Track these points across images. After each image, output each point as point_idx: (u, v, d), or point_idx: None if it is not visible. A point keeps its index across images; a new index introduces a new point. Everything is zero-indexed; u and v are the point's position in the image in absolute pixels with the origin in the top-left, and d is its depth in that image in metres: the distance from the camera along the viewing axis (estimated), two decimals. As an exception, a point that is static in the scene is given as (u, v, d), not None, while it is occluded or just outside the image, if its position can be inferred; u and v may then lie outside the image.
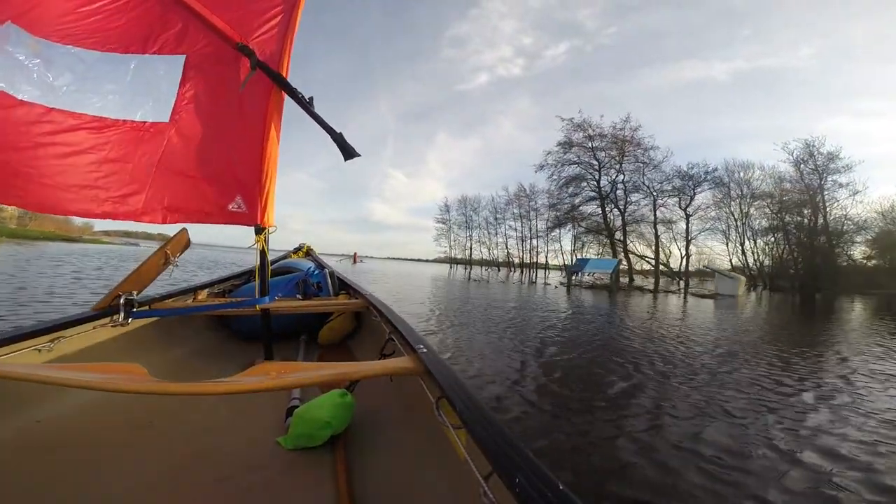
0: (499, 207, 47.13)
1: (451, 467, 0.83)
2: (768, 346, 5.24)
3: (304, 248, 4.38)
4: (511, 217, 46.04)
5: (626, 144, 29.62)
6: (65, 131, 1.27)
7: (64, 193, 1.27)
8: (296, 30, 1.56)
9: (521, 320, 6.66)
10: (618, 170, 30.44)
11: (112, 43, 1.33)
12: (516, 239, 45.81)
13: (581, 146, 31.40)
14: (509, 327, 5.84)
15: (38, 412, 1.17)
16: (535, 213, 42.70)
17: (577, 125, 31.33)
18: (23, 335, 1.19)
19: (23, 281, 6.80)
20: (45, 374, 0.88)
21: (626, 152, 29.68)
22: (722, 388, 3.21)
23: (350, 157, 1.63)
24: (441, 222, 53.33)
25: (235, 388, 0.86)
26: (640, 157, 29.66)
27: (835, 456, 2.11)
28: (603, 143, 30.74)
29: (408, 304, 7.97)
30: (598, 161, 31.01)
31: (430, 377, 0.94)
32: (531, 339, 5.03)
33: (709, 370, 3.82)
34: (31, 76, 1.23)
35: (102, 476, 0.97)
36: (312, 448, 1.11)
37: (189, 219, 1.51)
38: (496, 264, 48.31)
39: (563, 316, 7.61)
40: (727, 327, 7.13)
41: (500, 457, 0.58)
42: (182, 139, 1.46)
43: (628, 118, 29.86)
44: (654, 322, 7.41)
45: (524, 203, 43.23)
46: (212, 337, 2.24)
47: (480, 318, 6.61)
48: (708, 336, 5.97)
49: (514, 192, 44.18)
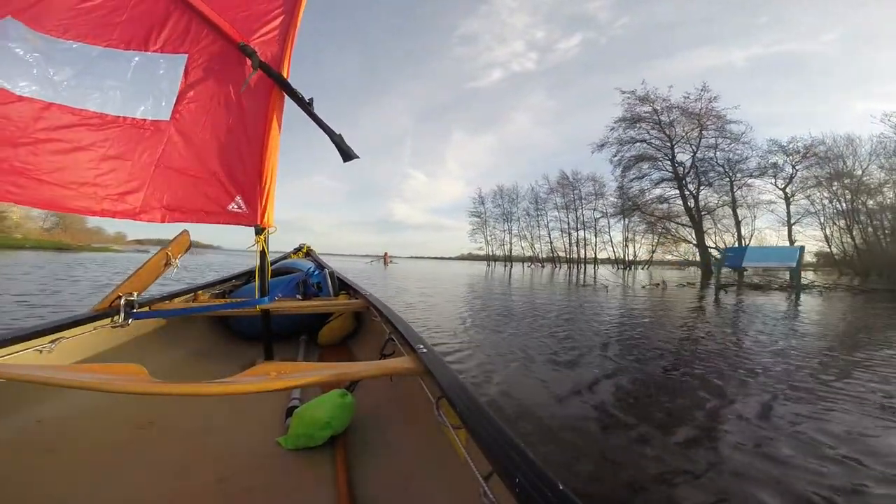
0: (539, 197, 42.64)
1: (451, 467, 0.83)
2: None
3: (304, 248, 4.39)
4: (552, 207, 41.73)
5: (704, 118, 25.40)
6: (64, 127, 1.26)
7: (62, 190, 1.26)
8: (297, 31, 1.57)
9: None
10: (696, 146, 26.02)
11: (113, 38, 1.32)
12: (560, 231, 41.43)
13: (648, 121, 27.18)
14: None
15: (39, 412, 1.17)
16: (580, 202, 38.65)
17: (640, 98, 27.22)
18: (23, 336, 1.19)
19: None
20: (46, 375, 0.88)
21: (705, 126, 25.57)
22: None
23: (349, 159, 1.64)
24: (475, 215, 48.40)
25: (235, 388, 0.86)
26: (722, 131, 25.12)
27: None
28: (674, 116, 26.40)
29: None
30: (670, 137, 26.76)
31: (430, 377, 0.94)
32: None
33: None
34: (31, 71, 1.22)
35: (103, 476, 0.97)
36: (312, 448, 1.11)
37: (188, 218, 1.51)
38: (539, 260, 43.85)
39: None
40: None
41: (501, 457, 0.58)
42: (182, 138, 1.46)
43: (705, 87, 25.40)
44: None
45: (568, 192, 39.38)
46: (212, 337, 2.24)
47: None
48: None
49: (555, 180, 40.37)
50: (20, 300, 5.17)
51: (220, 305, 1.95)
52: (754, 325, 5.40)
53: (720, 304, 8.49)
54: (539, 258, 43.84)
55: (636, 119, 27.70)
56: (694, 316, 6.32)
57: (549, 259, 43.18)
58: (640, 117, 27.57)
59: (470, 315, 5.63)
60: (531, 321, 5.23)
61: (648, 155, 27.87)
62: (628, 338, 4.26)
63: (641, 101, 27.26)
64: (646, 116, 27.29)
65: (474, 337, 4.05)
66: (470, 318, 5.38)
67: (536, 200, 43.32)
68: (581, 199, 39.19)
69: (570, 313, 6.12)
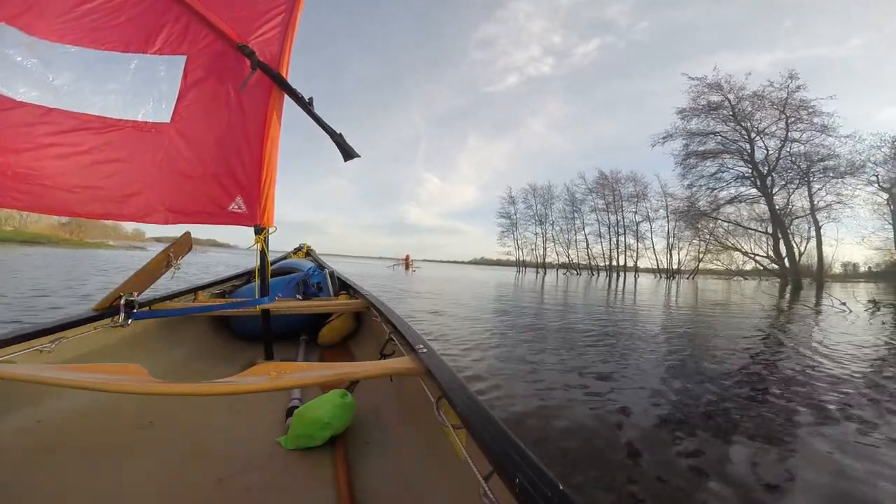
0: (575, 198, 38.60)
1: (451, 467, 0.83)
2: None
3: (304, 248, 4.39)
4: (589, 209, 37.91)
5: (791, 108, 22.42)
6: (66, 131, 1.27)
7: (65, 195, 1.27)
8: (296, 30, 1.57)
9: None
10: (782, 139, 22.97)
11: (112, 41, 1.32)
12: (597, 236, 37.69)
13: (720, 111, 24.11)
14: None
15: (39, 412, 1.17)
16: (621, 204, 34.72)
17: (711, 85, 24.59)
18: (24, 336, 1.19)
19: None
20: (46, 375, 0.88)
21: (792, 117, 22.64)
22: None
23: (349, 158, 1.64)
24: (504, 216, 43.94)
25: (236, 388, 0.86)
26: (809, 122, 21.82)
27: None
28: (752, 107, 23.46)
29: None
30: (748, 130, 23.81)
31: (430, 377, 0.94)
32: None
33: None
34: (30, 77, 1.22)
35: (103, 476, 0.97)
36: (312, 448, 1.11)
37: (190, 220, 1.51)
38: (574, 267, 39.65)
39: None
40: None
41: (501, 457, 0.58)
42: (183, 139, 1.46)
43: (793, 74, 22.39)
44: None
45: (607, 193, 35.60)
46: (212, 337, 2.24)
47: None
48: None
49: (593, 180, 36.76)
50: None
51: (221, 305, 1.95)
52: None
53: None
54: (576, 265, 40.30)
55: (709, 108, 24.64)
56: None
57: (586, 266, 39.54)
58: (712, 106, 24.68)
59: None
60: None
61: (718, 150, 24.89)
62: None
63: (712, 88, 24.41)
64: (719, 105, 24.32)
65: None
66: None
67: (573, 201, 39.37)
68: (622, 201, 35.83)
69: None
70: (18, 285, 6.16)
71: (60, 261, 13.12)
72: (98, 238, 50.18)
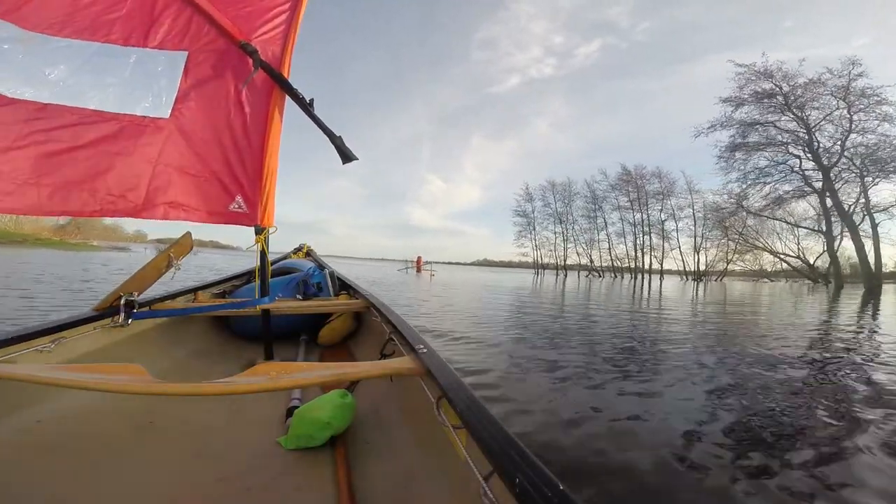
0: (596, 195, 35.82)
1: (451, 467, 0.83)
2: None
3: (304, 248, 4.40)
4: (612, 208, 35.28)
5: (852, 97, 20.21)
6: (62, 127, 1.24)
7: (61, 192, 1.24)
8: (298, 30, 1.57)
9: None
10: (846, 130, 20.78)
11: (112, 33, 1.30)
12: (620, 235, 35.18)
13: (770, 101, 21.95)
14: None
15: (39, 412, 1.17)
16: (646, 201, 31.73)
17: (760, 73, 22.68)
18: (24, 336, 1.19)
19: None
20: (46, 375, 0.87)
21: (854, 106, 20.57)
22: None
23: (348, 161, 1.65)
24: (521, 215, 40.84)
25: (236, 388, 0.86)
26: (874, 111, 19.44)
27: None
28: (808, 95, 21.28)
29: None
30: (804, 121, 21.71)
31: (430, 377, 0.94)
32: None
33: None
34: (24, 72, 1.20)
35: (102, 476, 0.96)
36: (312, 448, 1.11)
37: (190, 216, 1.49)
38: (596, 269, 37.00)
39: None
40: None
41: (501, 457, 0.58)
42: (182, 136, 1.44)
43: (854, 61, 20.19)
44: None
45: (631, 189, 32.76)
46: (212, 337, 2.24)
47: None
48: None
49: (615, 176, 34.15)
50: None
51: (221, 305, 1.95)
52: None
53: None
54: (597, 267, 37.78)
55: (760, 96, 22.28)
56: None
57: (608, 268, 37.05)
58: (764, 94, 22.42)
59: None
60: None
61: (775, 141, 22.71)
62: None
63: (761, 76, 22.34)
64: (771, 93, 22.13)
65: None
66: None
67: (594, 199, 36.43)
68: (647, 198, 33.19)
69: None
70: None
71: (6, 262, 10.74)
72: (98, 239, 49.67)
